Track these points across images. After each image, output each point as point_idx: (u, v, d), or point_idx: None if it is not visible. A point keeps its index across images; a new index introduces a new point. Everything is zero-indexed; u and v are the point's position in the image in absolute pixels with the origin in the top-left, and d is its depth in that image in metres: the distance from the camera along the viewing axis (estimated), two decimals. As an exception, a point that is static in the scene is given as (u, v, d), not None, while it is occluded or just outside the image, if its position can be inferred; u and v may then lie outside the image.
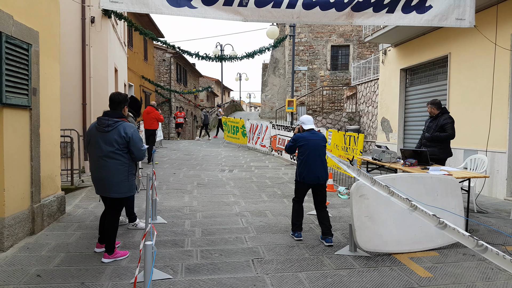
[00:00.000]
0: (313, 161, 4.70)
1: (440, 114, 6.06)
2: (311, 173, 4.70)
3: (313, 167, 4.69)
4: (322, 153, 4.80)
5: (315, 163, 4.70)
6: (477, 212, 6.03)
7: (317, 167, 4.70)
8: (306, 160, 4.71)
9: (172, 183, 8.48)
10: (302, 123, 4.92)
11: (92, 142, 4.01)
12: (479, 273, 3.75)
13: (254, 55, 14.48)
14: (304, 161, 4.72)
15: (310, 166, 4.69)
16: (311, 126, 4.89)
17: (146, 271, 1.63)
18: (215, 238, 4.82)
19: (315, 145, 4.75)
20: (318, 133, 4.94)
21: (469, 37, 7.95)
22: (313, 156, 4.71)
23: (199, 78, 40.06)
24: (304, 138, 4.78)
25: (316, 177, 4.70)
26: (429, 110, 6.20)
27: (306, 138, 4.77)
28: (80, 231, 5.07)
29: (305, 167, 4.71)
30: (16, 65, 4.44)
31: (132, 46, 19.29)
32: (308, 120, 4.95)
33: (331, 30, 22.93)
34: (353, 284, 3.54)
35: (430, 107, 6.16)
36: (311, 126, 4.89)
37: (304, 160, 4.72)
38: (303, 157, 4.73)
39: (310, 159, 4.70)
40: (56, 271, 3.78)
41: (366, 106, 15.76)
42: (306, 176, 4.71)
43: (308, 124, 4.90)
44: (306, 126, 4.88)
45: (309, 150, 4.72)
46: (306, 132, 4.85)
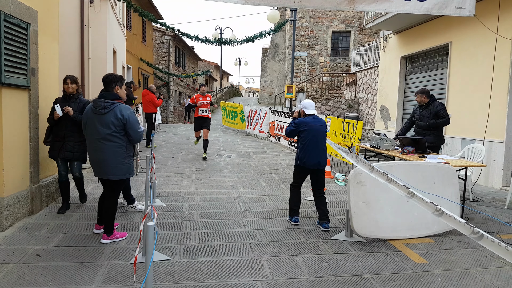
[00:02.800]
0: (315, 146, 4.72)
1: (430, 102, 6.11)
2: (312, 158, 4.72)
3: (314, 153, 4.72)
4: (323, 138, 4.83)
5: (316, 149, 4.72)
6: (473, 201, 6.10)
7: (318, 152, 4.73)
8: (308, 145, 4.72)
9: (171, 167, 8.50)
10: (304, 107, 4.90)
11: (88, 125, 4.00)
12: (473, 260, 3.82)
13: (254, 39, 14.36)
14: (305, 146, 4.74)
15: (312, 151, 4.71)
16: (313, 111, 4.88)
17: (147, 252, 1.65)
18: (213, 222, 4.87)
19: (317, 131, 4.76)
20: (320, 118, 4.94)
21: (471, 26, 7.90)
22: (315, 142, 4.72)
23: (198, 62, 39.76)
24: (306, 123, 4.78)
25: (317, 162, 4.74)
26: (418, 99, 6.24)
27: (309, 123, 4.77)
28: (79, 212, 5.11)
29: (306, 152, 4.72)
30: (15, 45, 4.40)
31: (131, 27, 19.06)
32: (310, 105, 4.94)
33: (332, 16, 22.70)
34: (348, 268, 3.60)
35: (420, 96, 6.20)
36: (313, 111, 4.88)
37: (306, 145, 4.73)
38: (305, 142, 4.74)
39: (312, 145, 4.71)
40: (55, 251, 3.82)
41: (365, 94, 15.72)
42: (307, 161, 4.74)
43: (310, 109, 4.89)
44: (308, 111, 4.87)
45: (311, 135, 4.73)
46: (308, 117, 4.85)
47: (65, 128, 4.87)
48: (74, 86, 4.96)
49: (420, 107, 6.28)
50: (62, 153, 4.88)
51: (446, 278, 3.42)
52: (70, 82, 4.93)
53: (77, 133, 4.83)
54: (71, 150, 4.88)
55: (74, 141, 4.88)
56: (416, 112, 6.37)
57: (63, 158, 4.93)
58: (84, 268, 3.47)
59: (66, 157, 4.91)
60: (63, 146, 4.87)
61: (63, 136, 4.87)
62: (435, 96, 6.33)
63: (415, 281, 3.36)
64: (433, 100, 6.15)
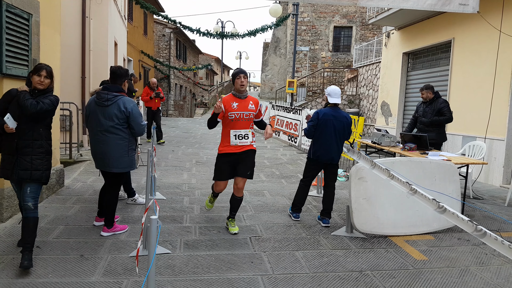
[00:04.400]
0: (330, 140, 4.53)
1: (434, 99, 6.08)
2: (327, 153, 4.55)
3: (328, 147, 4.54)
4: (341, 133, 4.57)
5: (331, 143, 4.54)
6: (473, 198, 6.10)
7: (332, 147, 4.55)
8: (324, 138, 4.53)
9: (171, 160, 8.49)
10: (329, 94, 4.59)
11: (91, 117, 3.99)
12: (473, 258, 3.82)
13: (256, 33, 14.30)
14: (320, 139, 4.56)
15: (326, 145, 4.54)
16: (336, 100, 4.55)
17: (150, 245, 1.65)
18: (214, 216, 4.86)
19: (335, 125, 4.51)
20: (342, 111, 4.66)
21: (474, 22, 7.85)
22: (330, 136, 4.52)
23: (199, 55, 39.57)
24: (326, 114, 4.53)
25: (331, 157, 4.58)
26: (424, 95, 6.19)
27: (327, 114, 4.52)
28: (79, 204, 5.10)
29: (321, 146, 4.55)
30: (16, 35, 4.36)
31: (132, 19, 18.95)
32: (335, 92, 4.58)
33: (334, 11, 22.57)
34: (349, 264, 3.60)
35: (426, 92, 6.15)
36: (337, 100, 4.55)
37: (321, 138, 4.55)
38: (320, 135, 4.55)
39: (328, 138, 4.52)
40: (55, 243, 3.82)
41: (366, 89, 15.68)
42: (320, 155, 4.57)
43: (334, 97, 4.55)
44: (331, 99, 4.55)
45: (328, 128, 4.52)
46: (328, 109, 4.59)
47: (17, 137, 3.35)
48: (47, 82, 3.48)
49: (424, 103, 6.24)
50: (15, 173, 3.36)
51: (446, 275, 3.42)
52: (44, 75, 3.44)
53: (36, 141, 3.41)
54: (27, 168, 3.35)
55: (33, 154, 3.39)
56: (419, 108, 6.34)
57: (17, 179, 3.40)
58: (84, 260, 3.46)
59: (21, 177, 3.36)
60: (17, 162, 3.35)
61: (16, 148, 3.36)
62: (439, 93, 6.29)
63: (415, 277, 3.36)
64: (437, 96, 6.11)
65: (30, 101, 3.31)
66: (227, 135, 4.09)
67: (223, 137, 4.16)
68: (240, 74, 4.09)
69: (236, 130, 4.07)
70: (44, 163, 3.47)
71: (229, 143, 4.08)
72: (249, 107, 4.13)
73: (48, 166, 3.53)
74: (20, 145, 3.38)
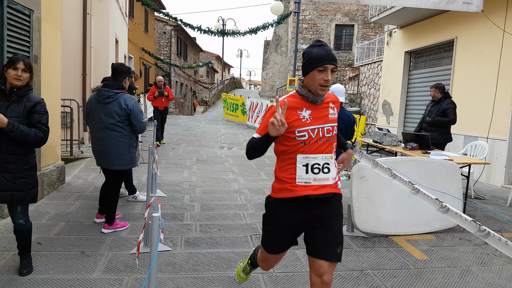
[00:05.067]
0: None
1: (442, 99, 6.04)
2: None
3: None
4: (343, 133, 4.36)
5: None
6: (475, 198, 6.09)
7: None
8: None
9: (172, 158, 8.48)
10: (332, 92, 4.56)
11: (92, 114, 3.97)
12: (474, 258, 3.81)
13: (257, 31, 14.27)
14: None
15: None
16: (340, 99, 4.29)
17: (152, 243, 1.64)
18: (214, 214, 4.86)
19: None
20: (346, 110, 4.53)
21: (477, 21, 7.82)
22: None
23: (199, 53, 39.55)
24: None
25: None
26: (432, 93, 6.16)
27: None
28: (80, 201, 5.10)
29: None
30: (17, 31, 4.35)
31: (133, 17, 18.92)
32: (339, 90, 4.45)
33: (336, 9, 22.53)
34: (349, 263, 3.59)
35: (434, 91, 6.11)
36: (341, 99, 4.31)
37: None
38: None
39: None
40: (56, 239, 3.82)
41: (368, 88, 15.66)
42: None
43: (338, 95, 4.28)
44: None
45: None
46: None
47: None
48: (26, 77, 2.92)
49: (433, 101, 6.20)
50: None
51: (447, 275, 3.41)
52: (22, 68, 2.87)
53: (21, 156, 2.91)
54: (9, 188, 2.89)
55: (16, 172, 2.91)
56: (428, 107, 6.30)
57: None
58: (85, 257, 3.46)
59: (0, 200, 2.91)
60: None
61: None
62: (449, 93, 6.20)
63: (416, 277, 3.36)
64: (445, 97, 6.05)
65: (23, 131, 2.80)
66: (290, 164, 2.19)
67: (281, 169, 2.24)
68: (326, 64, 2.09)
69: (308, 156, 2.16)
70: (28, 182, 2.97)
71: (294, 180, 2.17)
72: (330, 115, 2.26)
73: (34, 184, 3.04)
74: (1, 161, 2.83)
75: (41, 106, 2.96)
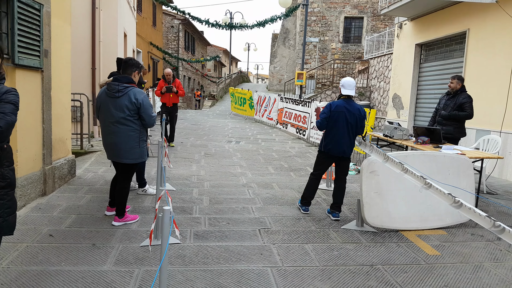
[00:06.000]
0: (342, 134, 4.46)
1: (459, 92, 5.92)
2: (338, 146, 4.49)
3: (340, 140, 4.48)
4: (353, 127, 4.49)
5: (343, 137, 4.47)
6: (487, 193, 6.01)
7: (344, 141, 4.48)
8: (335, 132, 4.47)
9: (180, 152, 8.51)
10: (342, 86, 4.54)
11: (102, 108, 3.99)
12: (487, 254, 3.76)
13: (265, 24, 14.19)
14: (332, 132, 4.50)
15: (337, 138, 4.47)
16: (350, 92, 4.50)
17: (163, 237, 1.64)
18: (223, 207, 4.86)
19: (347, 118, 4.44)
20: (355, 104, 4.56)
21: (491, 13, 7.66)
22: (342, 129, 4.46)
23: (207, 47, 39.50)
24: (338, 106, 4.45)
25: (342, 150, 4.51)
26: (453, 85, 5.93)
27: (340, 107, 4.44)
28: (91, 194, 5.14)
29: (332, 139, 4.49)
30: (28, 26, 4.37)
31: (141, 11, 18.92)
32: (349, 84, 4.52)
33: (345, 1, 22.27)
34: (359, 258, 3.58)
35: (456, 82, 5.90)
36: (351, 92, 4.50)
37: (333, 131, 4.49)
38: (332, 128, 4.49)
39: (340, 132, 4.46)
40: (67, 232, 3.86)
41: (377, 81, 15.50)
42: (332, 148, 4.51)
43: (348, 89, 4.50)
44: (345, 91, 4.50)
45: (340, 122, 4.45)
46: (341, 101, 4.52)
47: None
48: None
49: (447, 95, 6.08)
50: None
51: (459, 271, 3.38)
52: None
53: None
54: None
55: None
56: (441, 100, 6.17)
57: None
58: (96, 249, 3.49)
59: None
60: None
61: None
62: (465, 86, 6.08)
63: (427, 272, 3.33)
64: (462, 90, 5.92)
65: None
66: None
67: None
68: None
69: None
70: (6, 205, 2.27)
71: None
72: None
73: (13, 208, 2.35)
74: None
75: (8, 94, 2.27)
